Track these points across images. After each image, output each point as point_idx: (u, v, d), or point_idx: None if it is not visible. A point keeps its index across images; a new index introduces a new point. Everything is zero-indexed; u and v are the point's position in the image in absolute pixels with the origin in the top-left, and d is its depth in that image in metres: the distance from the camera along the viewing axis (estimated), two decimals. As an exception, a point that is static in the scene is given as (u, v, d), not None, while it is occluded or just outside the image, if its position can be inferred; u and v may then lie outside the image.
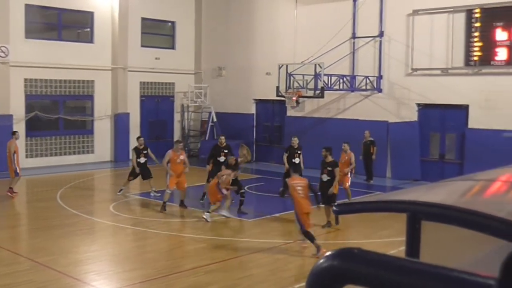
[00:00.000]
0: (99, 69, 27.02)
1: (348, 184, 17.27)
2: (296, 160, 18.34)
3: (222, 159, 17.94)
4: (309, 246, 12.81)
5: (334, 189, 15.06)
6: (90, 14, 26.98)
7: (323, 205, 14.40)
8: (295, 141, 18.83)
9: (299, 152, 18.66)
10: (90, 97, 27.24)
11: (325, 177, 15.19)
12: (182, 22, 30.33)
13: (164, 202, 16.83)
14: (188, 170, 17.53)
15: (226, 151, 18.16)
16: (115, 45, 27.47)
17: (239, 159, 17.11)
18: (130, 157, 21.52)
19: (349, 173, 17.33)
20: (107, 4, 27.26)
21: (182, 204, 17.40)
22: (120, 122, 27.54)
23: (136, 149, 19.51)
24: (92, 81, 27.06)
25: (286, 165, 18.28)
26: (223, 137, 18.76)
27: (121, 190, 19.30)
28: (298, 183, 13.21)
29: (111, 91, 27.65)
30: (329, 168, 15.16)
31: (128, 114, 27.82)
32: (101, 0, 27.05)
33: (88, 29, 27.31)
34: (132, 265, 11.96)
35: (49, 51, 25.29)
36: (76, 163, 26.17)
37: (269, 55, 26.85)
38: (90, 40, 27.14)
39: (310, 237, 12.68)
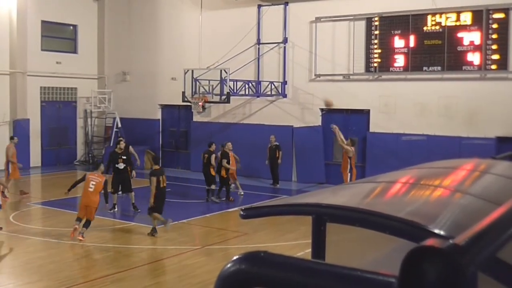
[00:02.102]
0: (-4, 74, 25.89)
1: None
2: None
3: (121, 166, 17.57)
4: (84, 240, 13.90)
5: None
6: (-14, 16, 25.82)
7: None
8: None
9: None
10: (-13, 103, 26.05)
11: None
12: (84, 26, 29.56)
13: None
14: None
15: (124, 157, 17.71)
16: (13, 49, 26.39)
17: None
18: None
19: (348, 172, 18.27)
20: (5, 6, 26.14)
21: None
22: (19, 128, 26.44)
23: (114, 154, 17.99)
24: (-11, 86, 25.91)
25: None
26: (122, 142, 18.16)
27: (113, 206, 17.40)
28: (94, 178, 14.36)
29: (9, 96, 26.53)
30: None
31: (28, 120, 26.79)
32: (-2, 1, 25.96)
33: (-16, 32, 26.11)
34: (33, 277, 11.53)
35: None
36: (-29, 172, 24.92)
37: (175, 60, 26.67)
38: (-14, 44, 25.96)
39: (79, 219, 14.17)
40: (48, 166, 27.33)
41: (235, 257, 2.05)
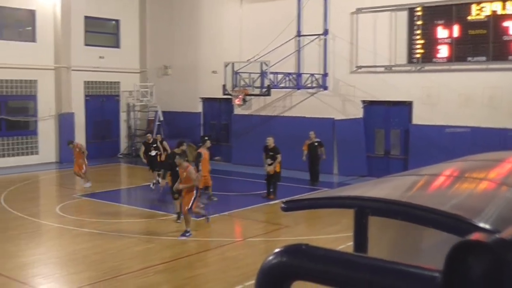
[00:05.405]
0: (42, 69, 26.41)
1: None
2: (268, 161, 18.40)
3: (153, 153, 20.37)
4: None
5: None
6: (32, 13, 26.34)
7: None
8: (270, 140, 18.62)
9: (271, 153, 18.50)
10: (33, 97, 26.64)
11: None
12: (126, 21, 29.94)
13: None
14: None
15: (154, 145, 20.53)
16: (58, 44, 26.91)
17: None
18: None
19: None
20: (49, 2, 26.66)
21: None
22: (64, 122, 27.01)
23: (144, 144, 21.16)
24: (35, 81, 26.48)
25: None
26: (149, 135, 21.67)
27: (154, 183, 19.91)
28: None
29: (54, 90, 27.09)
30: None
31: (72, 114, 27.32)
32: (43, -2, 26.48)
33: (30, 28, 26.65)
34: (78, 268, 11.76)
35: (-11, 50, 24.64)
36: (20, 164, 25.56)
37: (215, 54, 26.79)
38: (32, 39, 26.49)
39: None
40: (93, 158, 27.71)
41: (276, 250, 2.06)
